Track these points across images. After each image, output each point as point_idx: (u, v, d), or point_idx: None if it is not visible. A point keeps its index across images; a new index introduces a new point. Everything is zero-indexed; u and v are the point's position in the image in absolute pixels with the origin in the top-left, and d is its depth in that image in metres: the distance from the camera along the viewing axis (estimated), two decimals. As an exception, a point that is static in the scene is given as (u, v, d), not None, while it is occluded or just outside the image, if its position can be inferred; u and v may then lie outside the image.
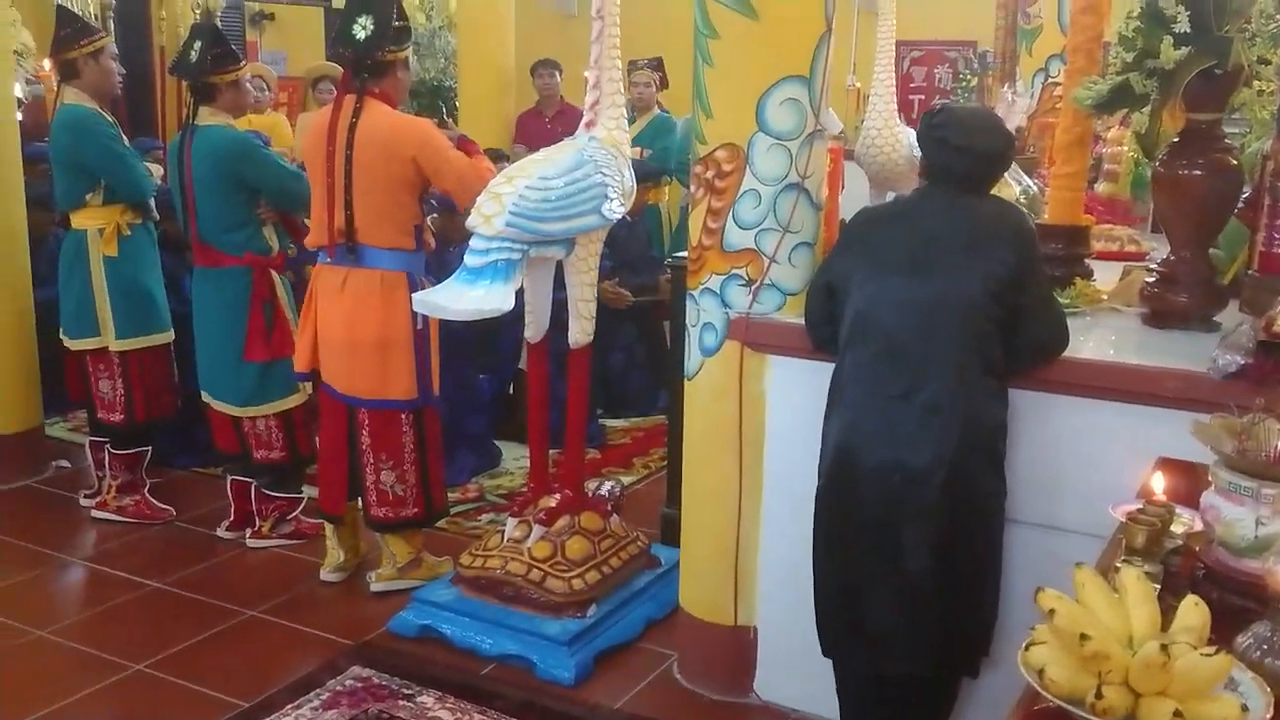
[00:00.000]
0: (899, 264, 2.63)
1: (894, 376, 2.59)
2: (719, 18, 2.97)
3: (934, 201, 2.71)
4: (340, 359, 3.79)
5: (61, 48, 4.45)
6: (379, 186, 3.67)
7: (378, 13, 3.68)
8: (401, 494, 3.88)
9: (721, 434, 3.17)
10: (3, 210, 4.85)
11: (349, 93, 3.71)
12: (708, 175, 3.07)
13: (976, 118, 2.80)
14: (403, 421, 3.83)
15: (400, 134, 3.68)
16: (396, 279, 3.75)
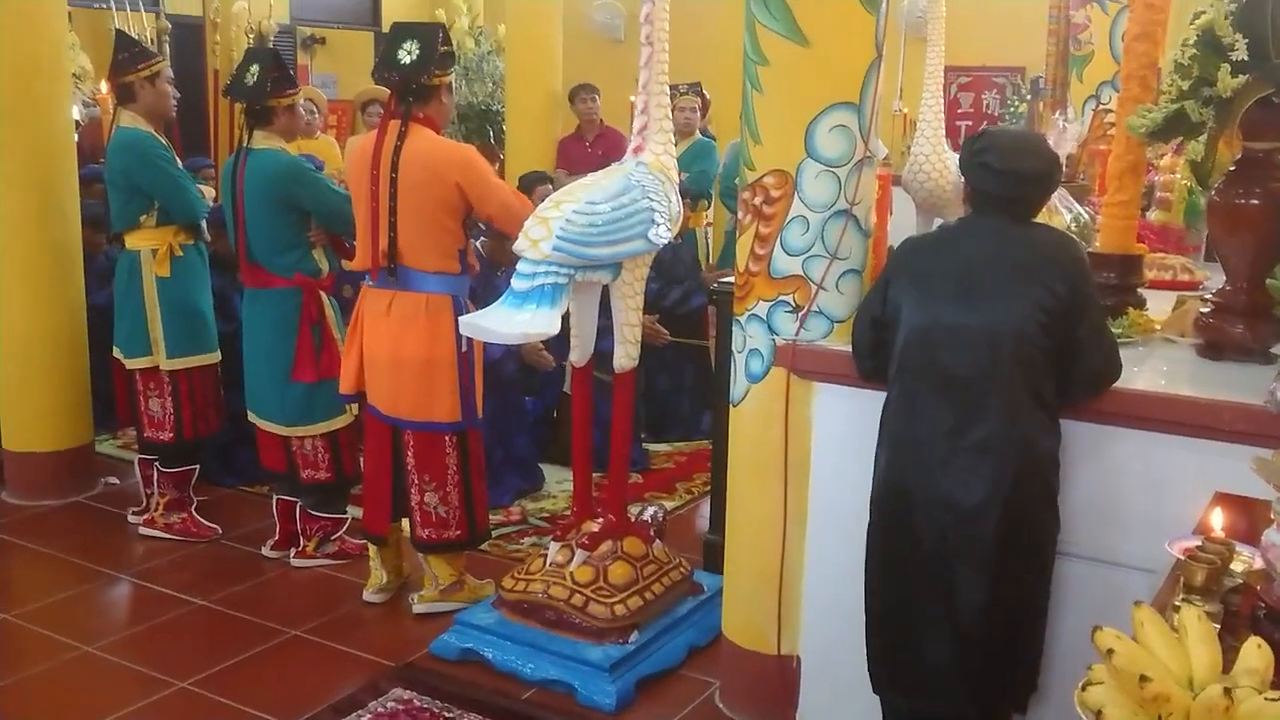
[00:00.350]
0: (947, 294, 2.60)
1: (945, 412, 2.56)
2: (769, 44, 2.97)
3: (981, 229, 2.67)
4: (385, 380, 3.81)
5: (119, 71, 4.53)
6: (423, 210, 3.70)
7: (423, 38, 3.73)
8: (444, 515, 3.89)
9: (767, 461, 3.15)
10: (60, 229, 4.92)
11: (394, 118, 3.74)
12: (755, 201, 3.06)
13: (1018, 140, 2.76)
14: (446, 443, 3.85)
15: (444, 159, 3.71)
16: (441, 302, 3.77)
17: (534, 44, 7.36)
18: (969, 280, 2.59)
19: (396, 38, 3.78)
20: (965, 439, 2.53)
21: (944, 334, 2.58)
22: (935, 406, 2.58)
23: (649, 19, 3.68)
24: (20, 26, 4.69)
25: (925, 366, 2.60)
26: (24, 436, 5.00)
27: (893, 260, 2.86)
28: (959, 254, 2.65)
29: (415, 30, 3.81)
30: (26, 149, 4.77)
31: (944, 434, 2.56)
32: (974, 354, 2.54)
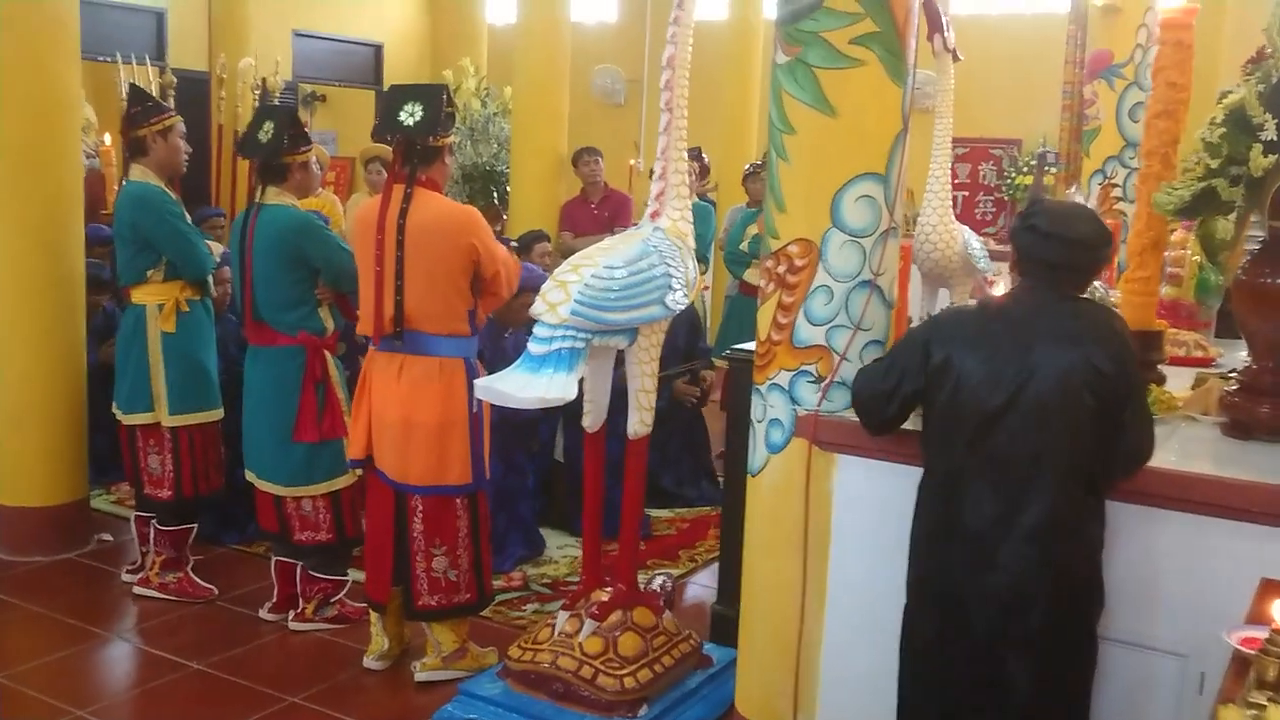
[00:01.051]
0: (995, 368, 2.54)
1: (994, 495, 2.51)
2: (796, 114, 2.96)
3: (1027, 301, 2.62)
4: (396, 445, 3.76)
5: (132, 124, 4.51)
6: (436, 273, 3.67)
7: (427, 99, 3.72)
8: (454, 580, 3.83)
9: (785, 532, 3.09)
10: (65, 283, 4.88)
11: (397, 181, 3.72)
12: (779, 270, 3.03)
13: (1068, 208, 2.77)
14: (458, 506, 3.81)
15: (457, 221, 3.71)
16: (454, 365, 3.75)
17: (540, 107, 7.40)
18: (1017, 355, 2.53)
19: (397, 99, 3.77)
20: (1015, 525, 2.49)
21: (992, 411, 2.52)
22: (982, 489, 2.52)
23: (668, 85, 3.70)
24: (34, 76, 4.68)
25: (972, 445, 2.54)
26: (17, 490, 4.92)
27: (933, 327, 2.78)
28: (1006, 327, 2.60)
29: (418, 91, 3.80)
30: (34, 198, 4.74)
31: (993, 520, 2.51)
32: (1023, 433, 2.50)
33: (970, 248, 4.68)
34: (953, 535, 2.57)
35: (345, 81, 13.66)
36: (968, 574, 2.54)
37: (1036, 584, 2.48)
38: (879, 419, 2.80)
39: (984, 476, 2.53)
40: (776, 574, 3.13)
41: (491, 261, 3.75)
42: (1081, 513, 2.52)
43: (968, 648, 2.54)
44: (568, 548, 5.26)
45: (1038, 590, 2.48)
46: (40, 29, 4.68)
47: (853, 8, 2.86)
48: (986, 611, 2.52)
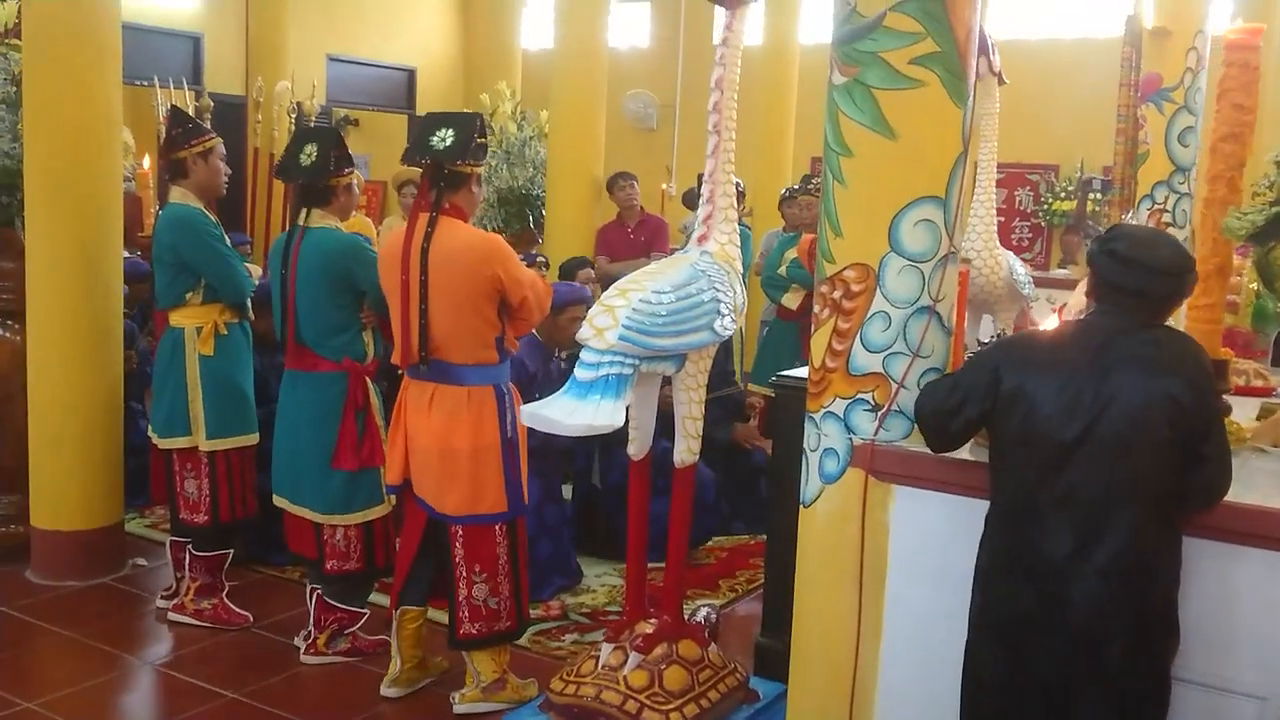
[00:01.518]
0: (1069, 396, 2.46)
1: (1069, 530, 2.42)
2: (854, 136, 2.89)
3: (1105, 328, 2.54)
4: (433, 474, 3.72)
5: (173, 147, 4.49)
6: (461, 303, 3.62)
7: (460, 126, 3.68)
8: (495, 607, 3.77)
9: (841, 564, 3.00)
10: (102, 304, 4.85)
11: (423, 209, 3.67)
12: (835, 295, 2.95)
13: (1148, 233, 2.69)
14: (497, 533, 3.75)
15: (482, 250, 3.65)
16: (483, 393, 3.70)
17: (577, 131, 7.36)
18: (1093, 384, 2.45)
19: (430, 124, 3.73)
20: (1089, 560, 2.41)
21: (1067, 441, 2.44)
22: (1055, 521, 2.44)
23: (716, 107, 3.65)
24: (77, 99, 4.66)
25: (1045, 476, 2.46)
26: (53, 514, 4.87)
27: (1004, 351, 2.70)
28: (1081, 354, 2.51)
29: (451, 118, 3.75)
30: (74, 222, 4.72)
31: (1066, 554, 2.42)
32: (1099, 464, 2.42)
33: (1015, 273, 4.60)
34: (1022, 568, 2.49)
35: (378, 106, 13.73)
36: (1038, 609, 2.45)
37: (1110, 621, 2.40)
38: (943, 437, 2.73)
39: (1057, 509, 2.45)
40: (830, 607, 3.04)
41: (517, 288, 3.68)
42: (1158, 547, 2.44)
43: (1035, 686, 2.47)
44: (606, 576, 5.17)
45: (1112, 628, 2.40)
46: (84, 54, 4.66)
47: (913, 27, 2.79)
48: (1057, 649, 2.44)
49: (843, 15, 2.89)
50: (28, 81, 4.66)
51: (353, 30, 13.45)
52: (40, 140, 4.66)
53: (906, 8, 2.79)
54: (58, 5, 4.60)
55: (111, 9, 4.75)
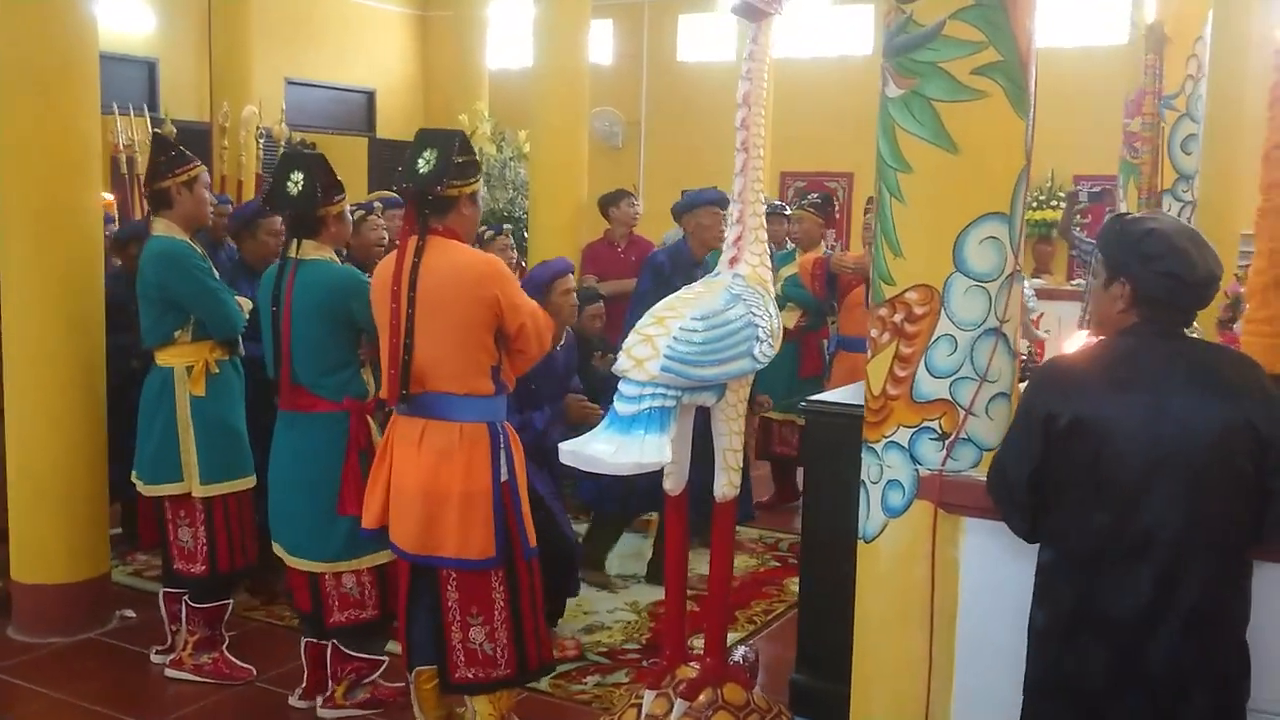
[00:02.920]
0: (1137, 425, 2.28)
1: (1145, 579, 2.26)
2: (913, 151, 2.74)
3: (1156, 349, 2.37)
4: (413, 515, 3.44)
5: (156, 176, 4.26)
6: (454, 327, 3.38)
7: (442, 147, 3.46)
8: (491, 653, 3.52)
9: (908, 604, 2.84)
10: (85, 343, 4.58)
11: (411, 233, 3.45)
12: (895, 318, 2.80)
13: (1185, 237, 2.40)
14: (493, 579, 3.49)
15: (479, 270, 3.42)
16: (477, 432, 3.43)
17: (559, 151, 7.19)
18: (1164, 413, 2.27)
19: (418, 145, 3.50)
20: (1171, 613, 2.24)
21: (1137, 477, 2.26)
22: (1132, 572, 2.27)
23: (744, 124, 3.51)
24: (55, 131, 4.42)
25: (1119, 520, 2.28)
26: (35, 567, 4.60)
27: (1044, 390, 2.46)
28: (1139, 382, 2.32)
29: (435, 138, 3.52)
30: (55, 260, 4.47)
31: (1145, 608, 2.26)
32: (1174, 506, 2.24)
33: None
34: (1091, 627, 2.32)
35: (338, 129, 13.48)
36: (1111, 672, 2.29)
37: (1192, 676, 2.25)
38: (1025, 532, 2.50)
39: (1133, 556, 2.27)
40: (898, 650, 2.87)
41: (515, 314, 3.44)
42: (1236, 589, 2.29)
43: None
44: (618, 611, 4.99)
45: (1193, 682, 2.25)
46: (62, 84, 4.43)
47: (975, 36, 2.66)
48: (1133, 701, 2.28)
49: (898, 24, 2.75)
50: (2, 111, 4.41)
51: (311, 53, 13.23)
52: (15, 172, 4.41)
53: (968, 15, 2.66)
54: (32, 34, 4.36)
55: (88, 38, 4.52)
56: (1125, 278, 2.41)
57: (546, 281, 4.51)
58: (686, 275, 5.12)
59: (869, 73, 11.34)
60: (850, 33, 12.05)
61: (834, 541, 3.67)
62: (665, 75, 13.32)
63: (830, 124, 11.49)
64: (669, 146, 12.81)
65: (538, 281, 4.53)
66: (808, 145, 11.29)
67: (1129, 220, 2.51)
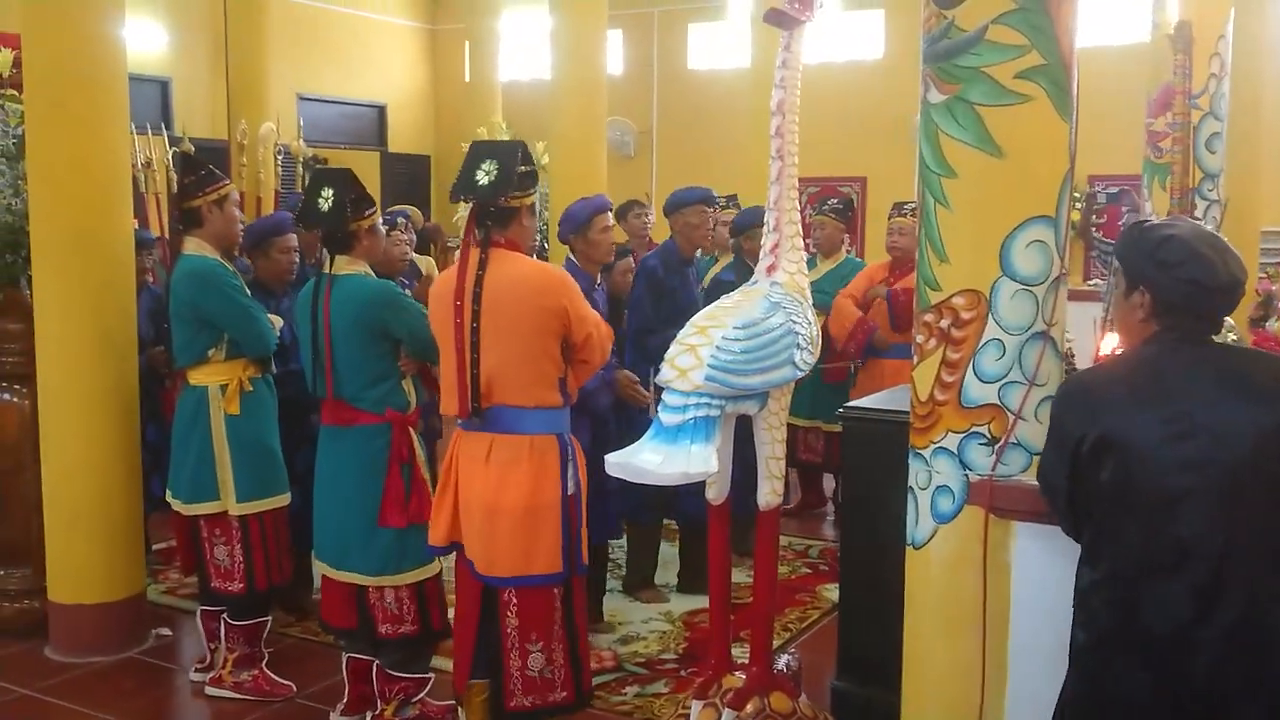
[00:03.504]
0: (1169, 437, 2.23)
1: (1185, 594, 2.21)
2: (956, 156, 2.74)
3: (1185, 356, 2.32)
4: (483, 533, 3.42)
5: (186, 195, 4.27)
6: (522, 339, 3.37)
7: (502, 157, 3.45)
8: (550, 677, 3.47)
9: (960, 610, 2.83)
10: (117, 364, 4.60)
11: (474, 245, 3.44)
12: (942, 324, 2.80)
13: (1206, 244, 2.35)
14: (553, 597, 3.46)
15: (545, 281, 3.43)
16: (546, 444, 3.41)
17: (578, 161, 7.23)
18: (1195, 421, 2.23)
19: (476, 157, 3.49)
20: (1214, 628, 2.20)
21: (1175, 488, 2.21)
22: (1167, 587, 2.22)
23: (779, 132, 3.50)
24: (86, 150, 4.43)
25: (1156, 535, 2.24)
26: (72, 587, 4.60)
27: (1070, 409, 2.41)
28: (1164, 393, 2.27)
29: (495, 149, 3.53)
30: (87, 278, 4.48)
31: (1187, 624, 2.21)
32: (1211, 518, 2.19)
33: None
34: (1134, 645, 2.27)
35: (350, 143, 13.53)
36: (1155, 691, 2.24)
37: (1237, 692, 2.21)
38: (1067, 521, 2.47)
39: (1172, 571, 2.22)
40: (951, 656, 2.86)
41: (582, 325, 3.45)
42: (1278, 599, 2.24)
43: None
44: (654, 621, 4.99)
45: (1239, 699, 2.21)
46: (92, 103, 4.45)
47: (1018, 40, 2.66)
48: None
49: (939, 30, 2.75)
50: (31, 133, 4.43)
51: (322, 68, 13.28)
52: (46, 195, 4.43)
53: (1010, 20, 2.66)
54: (61, 54, 4.38)
55: (118, 57, 4.54)
56: (1144, 286, 2.36)
57: (585, 219, 4.56)
58: (678, 274, 5.14)
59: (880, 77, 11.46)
60: (861, 37, 12.07)
61: (874, 548, 3.68)
62: (676, 84, 13.35)
63: (843, 129, 11.51)
64: (681, 154, 12.84)
65: (577, 219, 4.57)
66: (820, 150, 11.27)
67: (1146, 228, 2.44)
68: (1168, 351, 2.34)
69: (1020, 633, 2.82)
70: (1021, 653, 2.81)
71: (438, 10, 14.88)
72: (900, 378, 5.01)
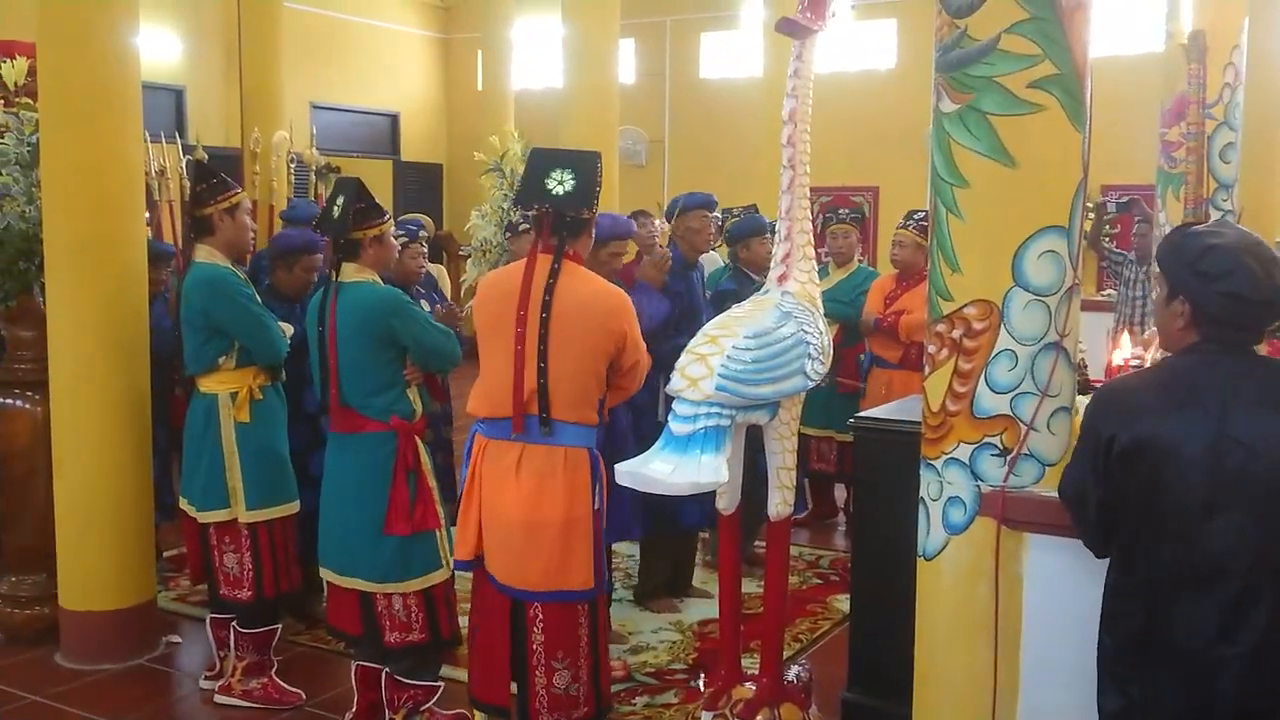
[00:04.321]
0: (1199, 449, 2.21)
1: (1214, 605, 2.20)
2: (969, 166, 2.73)
3: (1218, 363, 2.30)
4: (514, 547, 3.34)
5: (198, 203, 4.27)
6: (578, 356, 3.29)
7: (580, 167, 3.35)
8: (574, 694, 3.41)
9: (972, 622, 2.82)
10: (129, 372, 4.60)
11: (545, 252, 3.35)
12: (954, 334, 2.79)
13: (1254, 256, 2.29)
14: (580, 613, 3.40)
15: (614, 303, 3.35)
16: (579, 457, 3.33)
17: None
18: (1226, 436, 2.20)
19: (542, 164, 3.38)
20: (1240, 643, 2.19)
21: (1203, 500, 2.20)
22: (1197, 600, 2.21)
23: (790, 141, 3.49)
24: (99, 158, 4.44)
25: (1182, 549, 2.22)
26: (84, 594, 4.60)
27: (1104, 412, 2.39)
28: (1201, 402, 2.25)
29: (568, 158, 3.42)
30: (100, 286, 4.48)
31: (1213, 639, 2.20)
32: (1244, 532, 2.18)
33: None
34: (1162, 658, 2.26)
35: (363, 152, 13.58)
36: (1182, 703, 2.24)
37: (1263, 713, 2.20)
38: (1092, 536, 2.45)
39: (1199, 586, 2.21)
40: (963, 668, 2.85)
41: (635, 350, 3.39)
42: None
43: None
44: (664, 631, 4.97)
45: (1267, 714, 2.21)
46: (105, 112, 4.45)
47: (1031, 49, 2.65)
48: None
49: (951, 40, 2.74)
50: (45, 141, 4.45)
51: (336, 77, 13.33)
52: (60, 202, 4.43)
53: (1023, 29, 2.65)
54: (76, 63, 4.39)
55: (131, 65, 4.55)
56: (1184, 295, 2.33)
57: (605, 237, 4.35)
58: (683, 279, 5.12)
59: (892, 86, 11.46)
60: (873, 47, 12.07)
61: (885, 558, 3.66)
62: (688, 92, 13.37)
63: (854, 138, 11.51)
64: (692, 163, 12.86)
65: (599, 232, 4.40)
66: (832, 160, 11.30)
67: (1189, 234, 2.39)
68: (1207, 362, 2.31)
69: (1033, 645, 2.80)
70: (1035, 665, 2.80)
71: (450, 19, 14.94)
72: (911, 388, 5.01)
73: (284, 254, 4.85)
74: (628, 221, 4.71)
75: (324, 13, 13.08)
